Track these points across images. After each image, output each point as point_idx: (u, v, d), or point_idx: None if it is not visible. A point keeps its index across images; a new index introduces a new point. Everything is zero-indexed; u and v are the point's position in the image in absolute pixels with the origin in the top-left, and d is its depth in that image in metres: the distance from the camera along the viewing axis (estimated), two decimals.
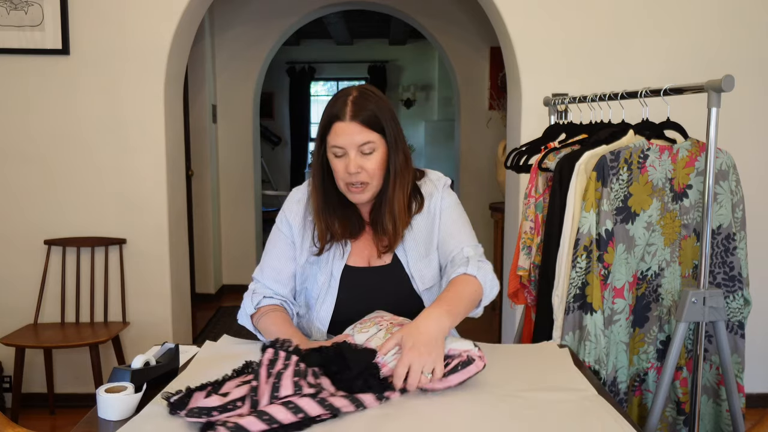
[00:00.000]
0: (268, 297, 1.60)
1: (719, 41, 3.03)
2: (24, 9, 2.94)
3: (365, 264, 1.59)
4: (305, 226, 1.61)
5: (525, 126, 3.06)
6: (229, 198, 5.27)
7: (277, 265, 1.61)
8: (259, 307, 1.58)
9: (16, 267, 3.09)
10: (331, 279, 1.57)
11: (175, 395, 1.18)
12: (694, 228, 1.87)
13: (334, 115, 1.47)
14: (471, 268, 1.46)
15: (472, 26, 5.18)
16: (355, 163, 1.46)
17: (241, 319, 1.62)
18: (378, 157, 1.49)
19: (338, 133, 1.46)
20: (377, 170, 1.49)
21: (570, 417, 1.20)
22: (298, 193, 1.66)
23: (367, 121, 1.46)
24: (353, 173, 1.47)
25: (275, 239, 1.64)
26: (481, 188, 5.33)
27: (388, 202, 1.53)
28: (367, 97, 1.49)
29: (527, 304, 2.18)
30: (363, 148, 1.47)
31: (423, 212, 1.59)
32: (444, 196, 1.61)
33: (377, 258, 1.58)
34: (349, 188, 1.50)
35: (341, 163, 1.48)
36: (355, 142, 1.46)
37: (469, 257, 1.51)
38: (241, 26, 5.07)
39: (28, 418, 3.06)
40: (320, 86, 9.34)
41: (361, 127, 1.46)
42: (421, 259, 1.58)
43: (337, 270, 1.57)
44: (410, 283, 1.57)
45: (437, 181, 1.63)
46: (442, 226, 1.58)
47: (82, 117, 3.04)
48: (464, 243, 1.55)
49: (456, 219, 1.59)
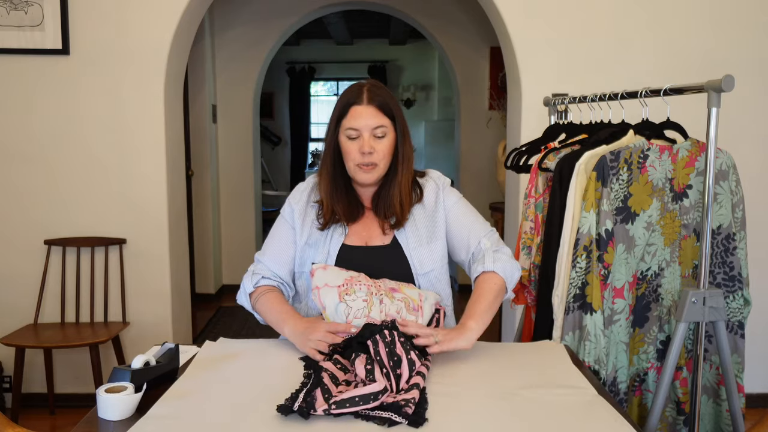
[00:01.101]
0: (266, 278, 1.68)
1: (719, 41, 3.03)
2: (24, 9, 2.94)
3: (362, 244, 1.67)
4: (306, 210, 1.71)
5: (525, 126, 3.06)
6: (229, 198, 5.27)
7: (278, 247, 1.71)
8: (258, 286, 1.67)
9: (16, 267, 3.09)
10: (327, 258, 1.65)
11: (294, 402, 1.19)
12: (694, 228, 1.87)
13: (351, 101, 1.61)
14: (487, 263, 1.61)
15: (472, 26, 5.18)
16: (369, 144, 1.58)
17: (240, 298, 1.71)
18: (388, 141, 1.61)
19: (355, 116, 1.59)
20: (387, 153, 1.62)
21: (570, 416, 1.20)
22: (303, 185, 1.78)
23: (382, 107, 1.60)
24: (366, 153, 1.58)
25: (278, 224, 1.74)
26: (481, 188, 5.32)
27: (396, 184, 1.65)
28: (380, 87, 1.64)
29: (527, 304, 2.18)
30: (376, 131, 1.60)
31: (422, 205, 1.70)
32: (447, 193, 1.72)
33: (375, 239, 1.67)
34: (360, 167, 1.61)
35: (355, 145, 1.60)
36: (369, 125, 1.59)
37: (485, 250, 1.65)
38: (241, 26, 5.07)
39: (28, 418, 3.06)
40: (320, 86, 9.34)
41: (377, 110, 1.59)
42: (422, 246, 1.66)
43: (334, 249, 1.65)
44: (408, 264, 1.65)
45: (438, 179, 1.74)
46: (454, 220, 1.69)
47: (82, 117, 3.04)
48: (480, 235, 1.68)
49: (466, 213, 1.71)
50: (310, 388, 1.23)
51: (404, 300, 1.55)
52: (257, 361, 1.50)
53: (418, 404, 1.20)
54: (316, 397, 1.19)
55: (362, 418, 1.17)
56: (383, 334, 1.36)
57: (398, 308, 1.52)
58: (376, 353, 1.31)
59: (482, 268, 1.61)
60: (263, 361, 1.49)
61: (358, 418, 1.17)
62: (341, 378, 1.30)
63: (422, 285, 1.66)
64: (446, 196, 1.71)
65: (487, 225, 1.72)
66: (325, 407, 1.16)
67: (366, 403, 1.17)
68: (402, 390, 1.24)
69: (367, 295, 1.52)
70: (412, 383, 1.25)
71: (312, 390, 1.21)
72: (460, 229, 1.68)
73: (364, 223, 1.69)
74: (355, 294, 1.52)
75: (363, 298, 1.51)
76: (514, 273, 1.64)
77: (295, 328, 1.53)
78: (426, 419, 1.16)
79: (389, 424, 1.15)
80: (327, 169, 1.67)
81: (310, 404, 1.16)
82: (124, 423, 1.19)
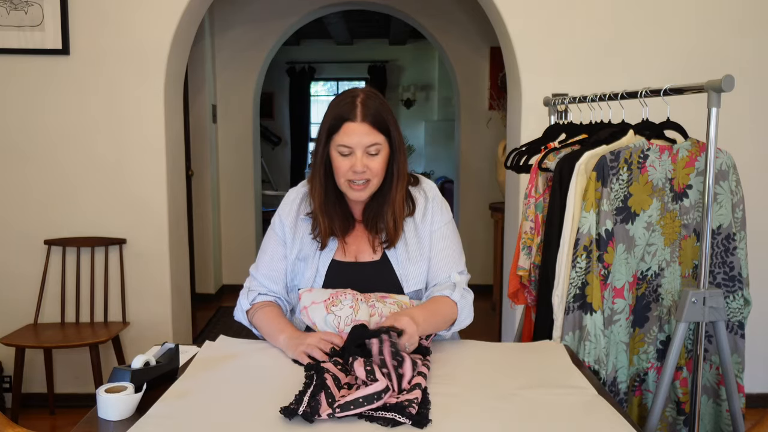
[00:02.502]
0: (263, 294, 1.66)
1: (719, 41, 3.03)
2: (24, 9, 2.94)
3: (352, 259, 1.63)
4: (296, 224, 1.66)
5: (525, 126, 3.05)
6: (229, 198, 5.27)
7: (270, 264, 1.67)
8: (254, 303, 1.65)
9: (16, 267, 3.09)
10: (316, 274, 1.62)
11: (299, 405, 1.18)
12: (694, 228, 1.87)
13: (343, 116, 1.52)
14: (456, 294, 1.58)
15: (472, 26, 5.18)
16: (362, 162, 1.51)
17: (237, 315, 1.69)
18: (381, 158, 1.55)
19: (348, 133, 1.51)
20: (380, 170, 1.55)
21: (570, 416, 1.20)
22: (292, 194, 1.71)
23: (376, 123, 1.52)
24: (359, 172, 1.52)
25: (269, 238, 1.70)
26: (481, 188, 5.32)
27: (390, 201, 1.59)
28: (374, 100, 1.54)
29: (527, 304, 2.18)
30: (370, 149, 1.52)
31: (413, 220, 1.64)
32: (436, 212, 1.65)
33: (365, 254, 1.63)
34: (351, 185, 1.55)
35: (347, 162, 1.53)
36: (363, 143, 1.51)
37: (456, 283, 1.60)
38: (241, 26, 5.07)
39: (28, 418, 3.06)
40: (320, 86, 9.33)
41: (371, 128, 1.51)
42: (410, 262, 1.61)
43: (323, 265, 1.62)
44: (397, 281, 1.61)
45: (429, 191, 1.68)
46: (435, 246, 1.63)
47: (82, 117, 3.04)
48: (454, 269, 1.64)
49: (449, 242, 1.65)
50: (314, 391, 1.23)
51: (397, 303, 1.55)
52: (257, 361, 1.49)
53: (420, 404, 1.20)
54: (320, 402, 1.19)
55: (366, 419, 1.17)
56: (390, 334, 1.35)
57: (391, 311, 1.52)
58: (380, 352, 1.30)
59: (448, 293, 1.58)
60: (263, 361, 1.49)
61: (362, 419, 1.17)
62: (343, 380, 1.30)
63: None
64: (434, 217, 1.64)
65: (464, 263, 1.67)
66: (330, 411, 1.16)
67: (370, 404, 1.17)
68: (404, 390, 1.24)
69: (353, 302, 1.52)
70: (414, 383, 1.25)
71: (316, 393, 1.21)
72: (437, 253, 1.63)
73: (354, 237, 1.64)
74: (341, 303, 1.52)
75: (349, 305, 1.52)
76: (467, 319, 1.61)
77: (291, 336, 1.51)
78: (429, 420, 1.16)
79: (393, 424, 1.15)
80: (319, 182, 1.59)
81: (315, 409, 1.16)
82: (124, 423, 1.19)
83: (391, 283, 1.61)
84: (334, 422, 1.16)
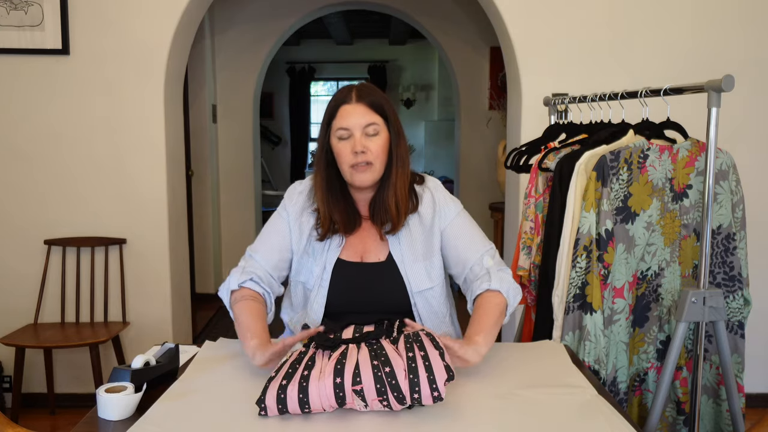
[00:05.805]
0: (255, 281, 1.59)
1: (719, 41, 3.03)
2: (24, 9, 2.94)
3: (358, 259, 1.61)
4: (303, 215, 1.64)
5: (525, 126, 3.05)
6: (229, 198, 5.26)
7: (271, 245, 1.64)
8: (243, 286, 1.58)
9: (16, 267, 3.09)
10: (324, 271, 1.60)
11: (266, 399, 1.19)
12: (694, 228, 1.87)
13: (340, 101, 1.55)
14: (494, 282, 1.53)
15: (472, 26, 5.18)
16: (361, 143, 1.52)
17: (221, 291, 1.62)
18: (381, 140, 1.54)
19: (344, 115, 1.53)
20: (380, 152, 1.54)
21: (570, 416, 1.20)
22: (300, 186, 1.70)
23: (372, 104, 1.54)
24: (359, 152, 1.51)
25: (274, 221, 1.68)
26: (481, 188, 5.32)
27: (391, 185, 1.58)
28: (371, 87, 1.58)
29: (527, 304, 2.18)
30: (368, 129, 1.53)
31: (419, 216, 1.63)
32: (447, 204, 1.64)
33: (370, 255, 1.61)
34: (354, 168, 1.54)
35: (347, 145, 1.53)
36: (360, 123, 1.52)
37: (489, 268, 1.57)
38: (241, 26, 5.07)
39: (28, 418, 3.06)
40: (320, 86, 9.33)
41: (367, 108, 1.53)
42: (417, 261, 1.59)
43: (330, 262, 1.60)
44: (402, 283, 1.59)
45: (435, 190, 1.66)
46: (452, 236, 1.62)
47: (82, 117, 3.04)
48: (481, 251, 1.61)
49: (467, 226, 1.64)
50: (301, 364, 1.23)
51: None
52: None
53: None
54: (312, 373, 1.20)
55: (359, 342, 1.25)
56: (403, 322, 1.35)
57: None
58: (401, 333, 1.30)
59: (487, 286, 1.53)
60: None
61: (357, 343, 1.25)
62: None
63: (418, 303, 1.60)
64: (446, 208, 1.63)
65: (488, 241, 1.64)
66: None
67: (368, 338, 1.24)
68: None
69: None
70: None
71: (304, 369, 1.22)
72: (459, 242, 1.60)
73: (361, 235, 1.62)
74: None
75: None
76: (516, 296, 1.57)
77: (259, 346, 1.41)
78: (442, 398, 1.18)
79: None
80: (321, 174, 1.59)
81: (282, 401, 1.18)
82: (124, 423, 1.19)
83: (395, 284, 1.59)
84: (332, 418, 1.16)
